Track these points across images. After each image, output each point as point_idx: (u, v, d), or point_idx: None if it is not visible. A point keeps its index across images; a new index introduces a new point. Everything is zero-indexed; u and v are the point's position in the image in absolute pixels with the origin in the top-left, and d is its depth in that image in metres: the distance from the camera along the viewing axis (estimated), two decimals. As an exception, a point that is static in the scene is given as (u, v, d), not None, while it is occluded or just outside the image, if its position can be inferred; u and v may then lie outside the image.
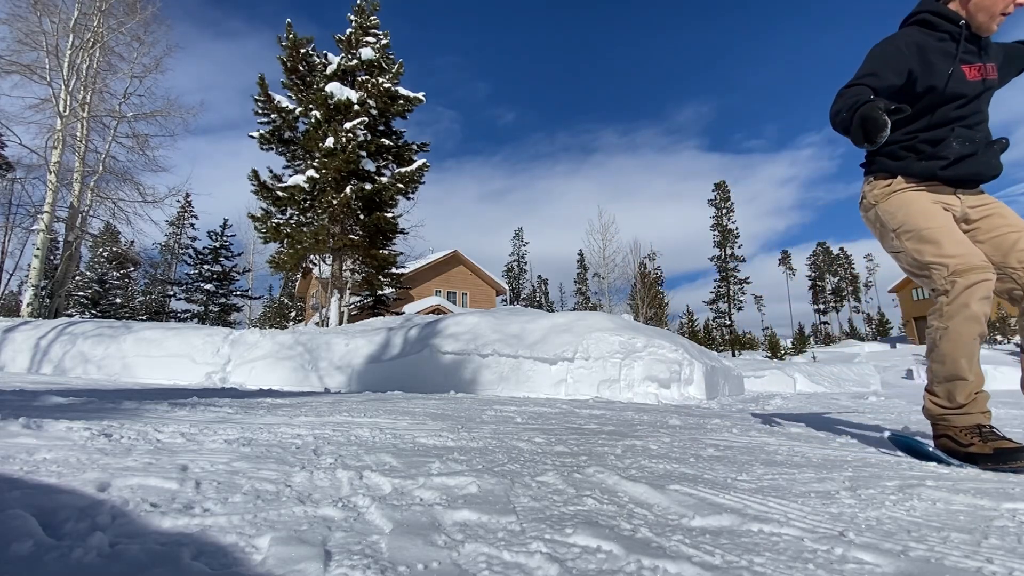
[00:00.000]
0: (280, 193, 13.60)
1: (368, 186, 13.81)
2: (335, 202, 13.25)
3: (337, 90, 13.65)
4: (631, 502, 1.09)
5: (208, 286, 26.41)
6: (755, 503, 1.08)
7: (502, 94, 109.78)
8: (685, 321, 41.21)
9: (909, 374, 17.80)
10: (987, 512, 1.07)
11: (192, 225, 33.91)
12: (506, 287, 34.56)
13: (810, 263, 61.21)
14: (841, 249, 61.52)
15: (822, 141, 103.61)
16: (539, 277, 60.74)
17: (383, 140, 14.61)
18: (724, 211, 42.64)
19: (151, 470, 1.14)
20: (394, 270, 16.35)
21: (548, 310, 28.07)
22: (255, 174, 13.52)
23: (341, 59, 14.63)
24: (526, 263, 56.00)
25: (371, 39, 14.98)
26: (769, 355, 30.30)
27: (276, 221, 13.92)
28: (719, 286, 42.00)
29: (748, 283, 41.68)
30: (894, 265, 1.94)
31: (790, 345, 34.09)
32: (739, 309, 41.27)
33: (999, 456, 1.53)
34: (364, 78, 14.39)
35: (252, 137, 14.28)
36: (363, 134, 13.73)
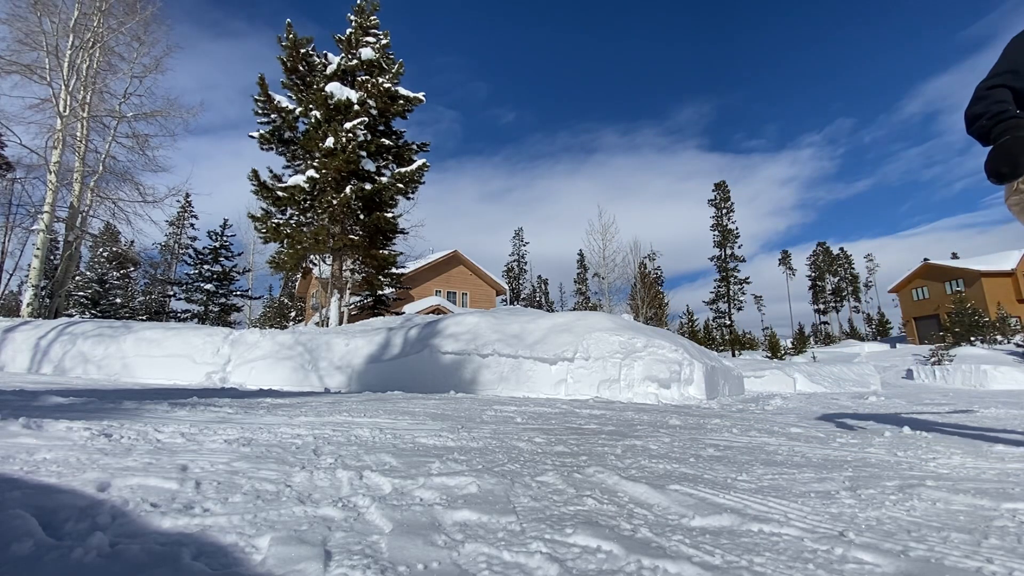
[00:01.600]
0: (280, 193, 13.60)
1: (368, 186, 13.82)
2: (335, 202, 13.26)
3: (337, 90, 13.65)
4: (631, 502, 1.09)
5: (208, 286, 26.40)
6: (755, 503, 1.08)
7: (502, 94, 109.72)
8: (685, 321, 41.20)
9: (909, 374, 17.79)
10: (987, 512, 1.07)
11: (192, 225, 33.92)
12: (506, 287, 34.56)
13: (810, 263, 61.20)
14: (841, 249, 61.53)
15: (822, 141, 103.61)
16: (539, 277, 60.74)
17: (383, 140, 14.62)
18: (724, 211, 42.64)
19: (151, 470, 1.14)
20: (394, 270, 16.36)
21: (548, 310, 28.06)
22: (255, 174, 13.52)
23: (341, 59, 14.64)
24: (526, 263, 55.99)
25: (371, 39, 14.99)
26: (769, 355, 30.31)
27: (276, 221, 13.92)
28: (719, 286, 41.99)
29: (748, 283, 41.65)
30: (894, 265, 1.93)
31: (790, 345, 34.09)
32: (739, 309, 41.25)
33: None
34: (364, 78, 14.39)
35: (252, 137, 14.29)
36: (363, 134, 13.73)
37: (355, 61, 14.52)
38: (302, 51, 14.29)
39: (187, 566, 0.67)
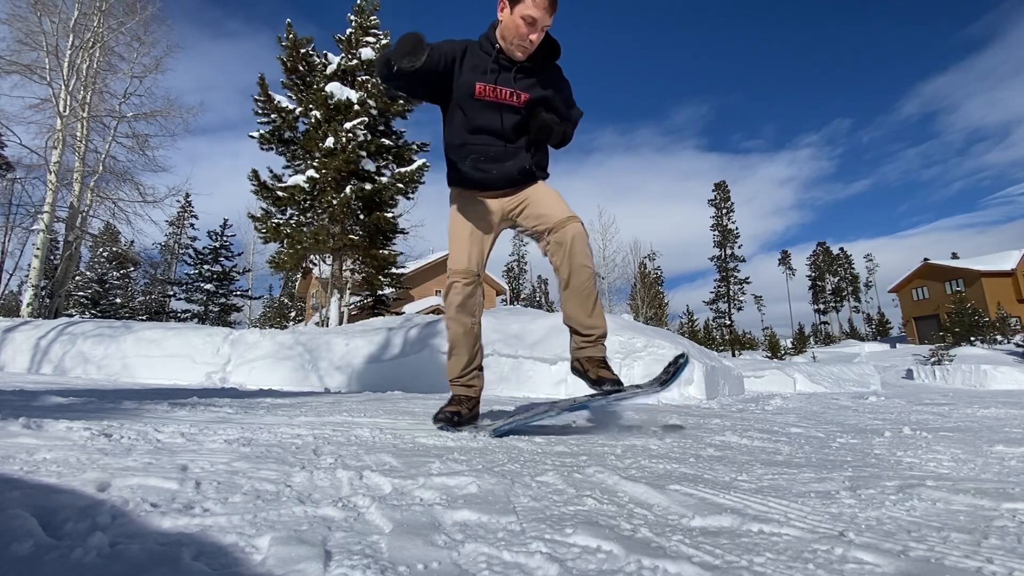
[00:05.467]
0: (280, 193, 13.60)
1: (368, 186, 13.81)
2: (335, 202, 13.26)
3: (337, 90, 13.65)
4: (631, 502, 1.09)
5: (208, 286, 26.40)
6: (755, 503, 1.08)
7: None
8: (685, 321, 41.20)
9: (909, 374, 17.80)
10: (987, 512, 1.07)
11: (192, 225, 33.93)
12: (506, 287, 34.55)
13: (810, 263, 61.22)
14: (841, 249, 61.57)
15: (820, 141, 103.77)
16: (539, 277, 60.73)
17: (383, 140, 14.62)
18: (724, 211, 42.66)
19: (151, 470, 1.14)
20: (394, 270, 16.36)
21: (548, 310, 28.07)
22: (255, 174, 13.52)
23: (341, 59, 14.64)
24: (526, 263, 56.02)
25: (371, 39, 14.99)
26: (769, 355, 30.33)
27: (276, 221, 13.92)
28: (719, 286, 41.97)
29: (748, 283, 41.69)
30: (894, 265, 1.95)
31: (790, 345, 34.11)
32: (739, 309, 41.27)
33: None
34: (364, 78, 14.39)
35: (252, 137, 14.29)
36: (363, 134, 13.73)
37: (355, 61, 14.52)
38: (302, 51, 14.29)
39: (187, 566, 0.67)
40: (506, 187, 2.26)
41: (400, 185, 14.26)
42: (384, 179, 14.26)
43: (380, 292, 17.07)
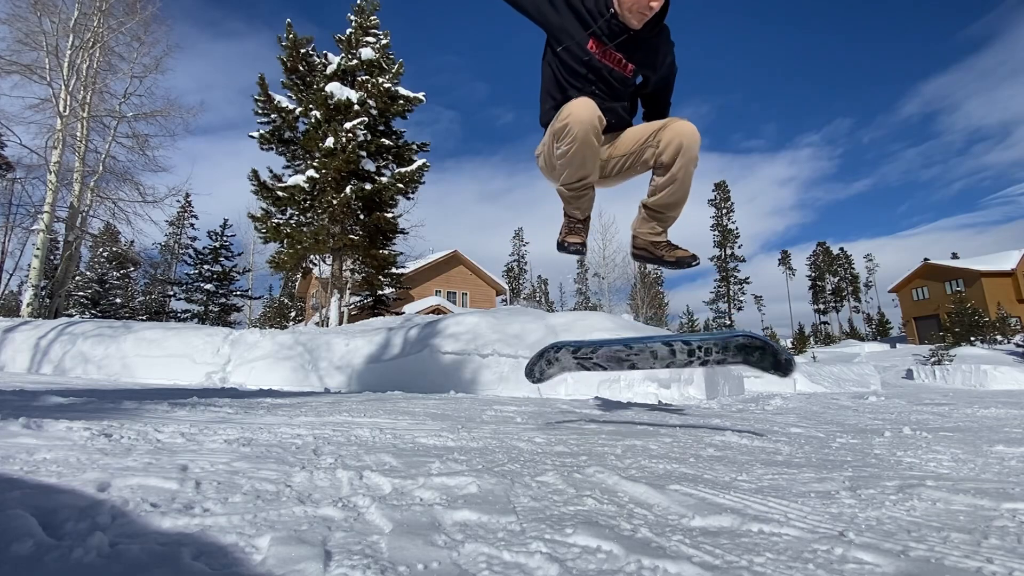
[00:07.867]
0: (280, 193, 13.61)
1: (368, 186, 13.82)
2: (335, 202, 13.26)
3: (337, 90, 13.66)
4: (631, 502, 1.09)
5: (208, 286, 26.41)
6: (755, 503, 1.08)
7: (501, 94, 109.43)
8: (685, 321, 41.21)
9: (909, 374, 17.79)
10: (987, 512, 1.07)
11: (192, 225, 33.92)
12: (506, 287, 34.56)
13: (810, 263, 61.17)
14: (841, 249, 61.49)
15: (821, 141, 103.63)
16: (539, 277, 60.67)
17: (383, 140, 14.63)
18: (724, 211, 42.66)
19: (151, 470, 1.14)
20: (394, 270, 16.37)
21: (548, 310, 28.05)
22: (255, 174, 13.53)
23: (341, 59, 14.64)
24: (526, 263, 55.97)
25: (371, 39, 14.99)
26: (769, 355, 30.22)
27: (276, 221, 13.93)
28: (719, 286, 42.00)
29: (748, 283, 41.73)
30: (894, 265, 1.94)
31: (790, 345, 34.08)
32: (739, 309, 41.29)
33: None
34: (364, 78, 14.40)
35: (252, 137, 14.29)
36: (363, 134, 13.74)
37: (355, 61, 14.53)
38: (302, 51, 14.30)
39: (187, 566, 0.68)
40: (609, 122, 2.11)
41: (400, 185, 14.26)
42: (384, 179, 14.27)
43: (380, 292, 17.07)
